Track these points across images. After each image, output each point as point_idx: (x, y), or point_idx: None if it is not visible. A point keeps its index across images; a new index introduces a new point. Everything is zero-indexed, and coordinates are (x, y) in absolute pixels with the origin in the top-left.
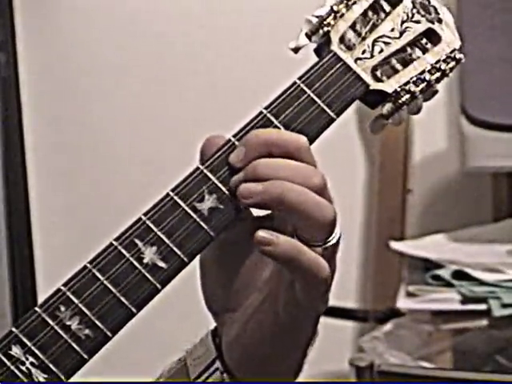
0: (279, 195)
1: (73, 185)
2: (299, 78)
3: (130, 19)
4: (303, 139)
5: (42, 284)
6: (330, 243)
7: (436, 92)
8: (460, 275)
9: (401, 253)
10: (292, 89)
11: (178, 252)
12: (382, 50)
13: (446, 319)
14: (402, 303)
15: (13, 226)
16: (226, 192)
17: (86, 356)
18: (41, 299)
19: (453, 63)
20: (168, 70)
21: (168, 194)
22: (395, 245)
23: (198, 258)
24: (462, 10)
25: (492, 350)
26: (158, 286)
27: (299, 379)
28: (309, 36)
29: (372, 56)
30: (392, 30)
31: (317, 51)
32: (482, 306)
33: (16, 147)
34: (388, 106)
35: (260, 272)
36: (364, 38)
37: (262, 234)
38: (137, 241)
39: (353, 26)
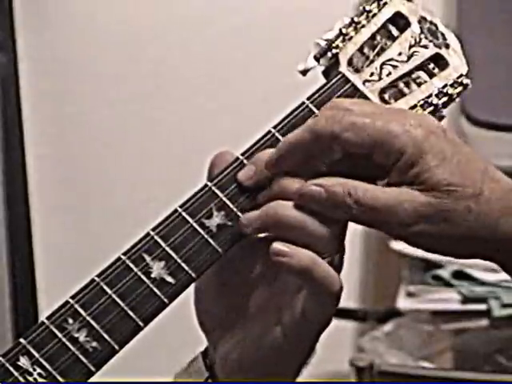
0: (276, 217)
1: (73, 185)
2: (308, 98)
3: (130, 19)
4: None
5: (42, 284)
6: (333, 259)
7: (443, 117)
8: (460, 275)
9: (401, 253)
10: (300, 109)
11: (186, 268)
12: (389, 73)
13: (446, 319)
14: (402, 303)
15: (13, 226)
16: (234, 209)
17: (93, 368)
18: (41, 299)
19: (460, 88)
20: (168, 70)
21: (176, 210)
22: (395, 245)
23: None
24: (461, 10)
25: (492, 350)
26: (166, 300)
27: (299, 379)
28: (317, 58)
29: (380, 79)
30: (400, 53)
31: (325, 73)
32: (482, 306)
33: (16, 147)
34: None
35: (262, 289)
36: (372, 61)
37: (277, 245)
38: (145, 255)
39: (361, 49)
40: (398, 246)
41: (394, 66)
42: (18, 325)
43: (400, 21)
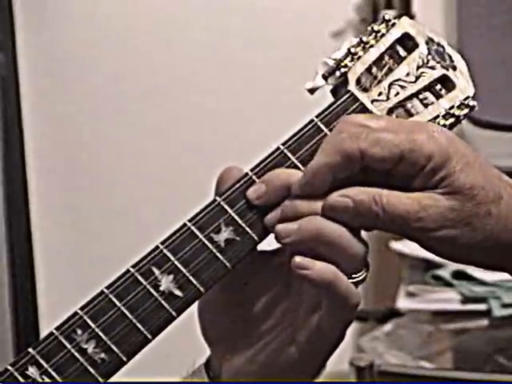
0: (316, 233)
1: (73, 185)
2: (317, 116)
3: (130, 19)
4: None
5: (42, 284)
6: (356, 279)
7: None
8: (460, 275)
9: (401, 253)
10: (309, 126)
11: (194, 281)
12: (397, 93)
13: (445, 319)
14: (402, 303)
15: (13, 226)
16: (243, 224)
17: (100, 379)
18: (41, 299)
19: (466, 110)
20: (168, 70)
21: (185, 224)
22: (395, 245)
23: None
24: (462, 11)
25: (492, 350)
26: (174, 313)
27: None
28: (325, 77)
29: (388, 98)
30: (407, 74)
31: (333, 91)
32: (482, 306)
33: (16, 147)
34: None
35: (273, 307)
36: (380, 81)
37: (299, 259)
38: (154, 269)
39: (369, 69)
40: (398, 246)
41: (402, 87)
42: (18, 325)
43: (408, 42)
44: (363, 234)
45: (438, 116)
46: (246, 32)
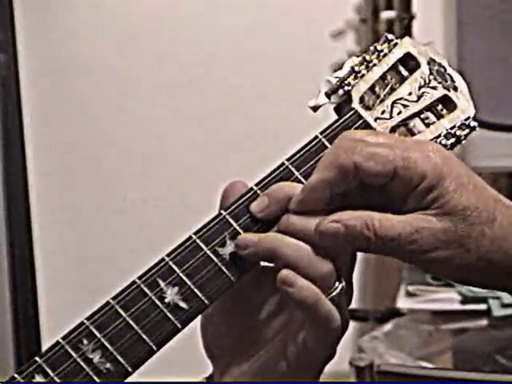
0: (272, 249)
1: (73, 185)
2: (321, 133)
3: (130, 19)
4: None
5: (42, 284)
6: (332, 294)
7: None
8: None
9: None
10: (314, 143)
11: (199, 294)
12: (400, 112)
13: (445, 319)
14: (402, 303)
15: (13, 226)
16: None
17: None
18: (41, 299)
19: (467, 130)
20: (168, 70)
21: (191, 237)
22: None
23: None
24: (462, 10)
25: (492, 350)
26: (179, 325)
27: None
28: (328, 95)
29: (391, 117)
30: (410, 93)
31: (336, 109)
32: (482, 306)
33: (16, 147)
34: None
35: (269, 320)
36: (383, 100)
37: (286, 272)
38: (159, 280)
39: (372, 88)
40: None
41: (405, 106)
42: (18, 325)
43: (410, 62)
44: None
45: (439, 135)
46: (246, 32)
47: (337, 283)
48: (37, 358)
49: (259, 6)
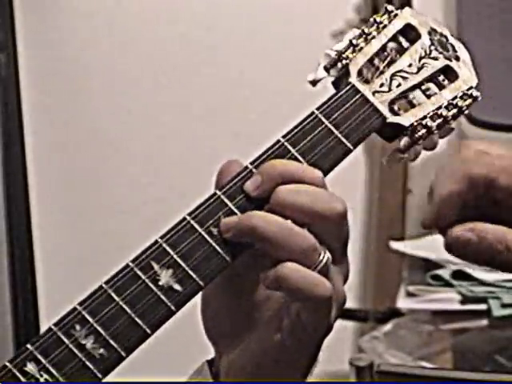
0: (252, 227)
1: (73, 185)
2: (317, 109)
3: (130, 19)
4: (318, 173)
5: (42, 284)
6: (319, 267)
7: (452, 129)
8: (460, 275)
9: (401, 253)
10: (310, 119)
11: (194, 276)
12: (399, 85)
13: (445, 319)
14: (402, 303)
15: (13, 226)
16: None
17: (99, 375)
18: (41, 299)
19: (469, 100)
20: (168, 70)
21: (185, 218)
22: (395, 245)
23: None
24: (462, 10)
25: (492, 350)
26: (173, 308)
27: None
28: (327, 69)
29: (390, 90)
30: (410, 65)
31: (334, 83)
32: (482, 306)
33: (16, 147)
34: (405, 140)
35: (266, 298)
36: (382, 72)
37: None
38: (153, 263)
39: (371, 60)
40: (398, 246)
41: (404, 78)
42: (18, 325)
43: (410, 32)
44: (366, 230)
45: (440, 107)
46: (246, 32)
47: (321, 256)
48: (28, 346)
49: (259, 5)
